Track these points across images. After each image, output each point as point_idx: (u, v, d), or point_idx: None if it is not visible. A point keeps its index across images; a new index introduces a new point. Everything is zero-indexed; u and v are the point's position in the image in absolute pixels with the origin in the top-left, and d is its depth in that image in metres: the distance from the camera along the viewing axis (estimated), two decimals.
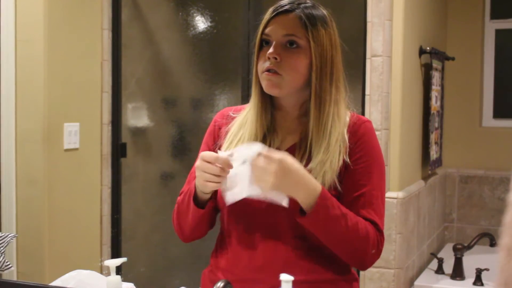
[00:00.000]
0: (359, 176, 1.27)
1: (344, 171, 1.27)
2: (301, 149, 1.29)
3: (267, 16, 1.31)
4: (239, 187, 1.19)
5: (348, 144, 1.27)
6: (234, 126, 1.36)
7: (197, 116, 2.96)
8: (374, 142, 1.32)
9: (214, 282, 1.32)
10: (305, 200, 1.20)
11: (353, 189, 1.27)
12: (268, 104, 1.34)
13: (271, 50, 1.26)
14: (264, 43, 1.30)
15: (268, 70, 1.27)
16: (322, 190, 1.20)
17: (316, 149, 1.26)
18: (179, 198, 1.37)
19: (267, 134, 1.33)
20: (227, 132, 1.36)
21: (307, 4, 1.30)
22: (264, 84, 1.28)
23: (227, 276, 1.30)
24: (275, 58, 1.25)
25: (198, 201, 1.30)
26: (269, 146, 1.30)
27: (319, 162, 1.25)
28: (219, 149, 1.32)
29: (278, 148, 1.30)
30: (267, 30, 1.29)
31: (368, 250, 1.24)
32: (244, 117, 1.36)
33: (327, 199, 1.20)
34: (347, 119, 1.31)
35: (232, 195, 1.20)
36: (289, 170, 1.17)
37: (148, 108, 2.95)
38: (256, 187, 1.17)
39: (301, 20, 1.27)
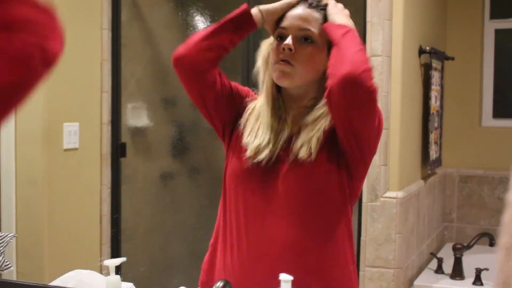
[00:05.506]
0: None
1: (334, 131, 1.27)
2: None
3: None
4: None
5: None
6: (251, 118, 1.35)
7: (197, 116, 2.92)
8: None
9: (211, 273, 1.34)
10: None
11: None
12: (279, 98, 1.34)
13: (287, 41, 1.27)
14: (279, 38, 1.30)
15: (281, 61, 1.27)
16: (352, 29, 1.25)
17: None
18: None
19: (279, 123, 1.33)
20: (246, 121, 1.36)
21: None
22: (275, 75, 1.28)
23: (225, 267, 1.32)
24: (290, 50, 1.25)
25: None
26: (280, 134, 1.31)
27: (304, 140, 1.27)
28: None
29: (290, 136, 1.30)
30: (283, 24, 1.30)
31: (367, 72, 1.18)
32: (257, 110, 1.35)
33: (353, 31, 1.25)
34: None
35: None
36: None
37: (148, 108, 2.95)
38: None
39: (317, 16, 1.28)
